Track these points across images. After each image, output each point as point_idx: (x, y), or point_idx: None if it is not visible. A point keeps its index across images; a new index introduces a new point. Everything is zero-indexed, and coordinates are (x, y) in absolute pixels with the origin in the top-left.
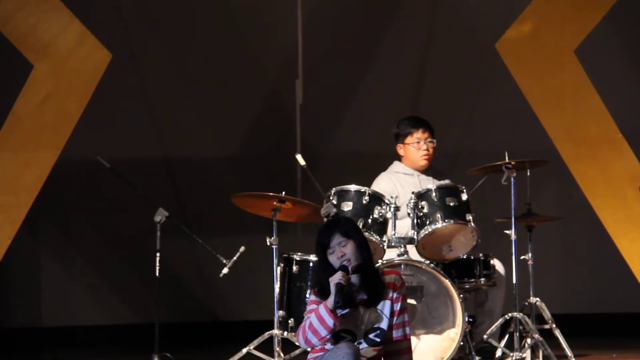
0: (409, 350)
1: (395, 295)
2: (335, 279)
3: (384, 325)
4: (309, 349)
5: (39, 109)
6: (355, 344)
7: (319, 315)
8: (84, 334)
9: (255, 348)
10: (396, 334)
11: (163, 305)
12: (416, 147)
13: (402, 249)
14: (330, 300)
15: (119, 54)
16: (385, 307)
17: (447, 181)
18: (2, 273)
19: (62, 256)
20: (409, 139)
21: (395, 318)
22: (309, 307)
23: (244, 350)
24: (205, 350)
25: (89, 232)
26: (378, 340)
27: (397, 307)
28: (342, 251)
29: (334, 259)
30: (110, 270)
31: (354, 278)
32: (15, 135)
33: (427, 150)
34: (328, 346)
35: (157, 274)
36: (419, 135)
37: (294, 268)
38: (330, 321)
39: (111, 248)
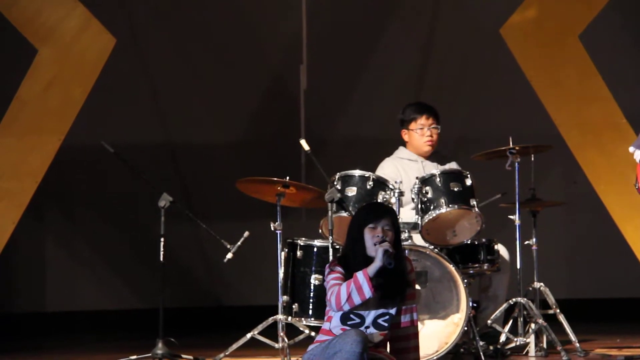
0: (415, 336)
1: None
2: (385, 246)
3: (392, 310)
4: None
5: (43, 94)
6: (363, 328)
7: (357, 283)
8: (88, 319)
9: (260, 333)
10: (404, 319)
11: (167, 290)
12: (420, 133)
13: (406, 234)
14: (372, 268)
15: (123, 39)
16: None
17: (452, 164)
18: (6, 258)
19: (66, 241)
20: (413, 125)
21: (404, 303)
22: (333, 275)
23: (248, 335)
24: (210, 335)
25: (93, 217)
26: (386, 325)
27: (406, 292)
28: (386, 234)
29: (370, 235)
30: (114, 255)
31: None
32: (20, 120)
33: (431, 136)
34: (336, 331)
35: (161, 259)
36: (422, 121)
37: (298, 253)
38: (367, 290)
39: (115, 233)
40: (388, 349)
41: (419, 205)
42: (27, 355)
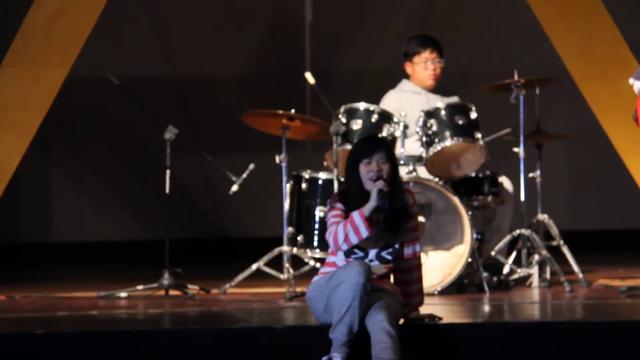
0: (418, 268)
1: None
2: (379, 184)
3: (395, 244)
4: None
5: (49, 25)
6: (367, 260)
7: (353, 224)
8: (94, 249)
9: (265, 264)
10: (407, 251)
11: (173, 221)
12: (423, 67)
13: (411, 167)
14: (367, 208)
15: None
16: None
17: (454, 98)
18: (13, 189)
19: (72, 172)
20: (416, 59)
21: (406, 235)
22: (332, 212)
23: (254, 267)
24: (215, 267)
25: (99, 148)
26: (390, 258)
27: (409, 225)
28: (380, 167)
29: (365, 170)
30: (120, 186)
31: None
32: (25, 53)
33: (434, 70)
34: (340, 263)
35: (167, 191)
36: (426, 55)
37: (303, 186)
38: (364, 230)
39: (121, 165)
40: (392, 281)
41: (424, 138)
42: (34, 285)
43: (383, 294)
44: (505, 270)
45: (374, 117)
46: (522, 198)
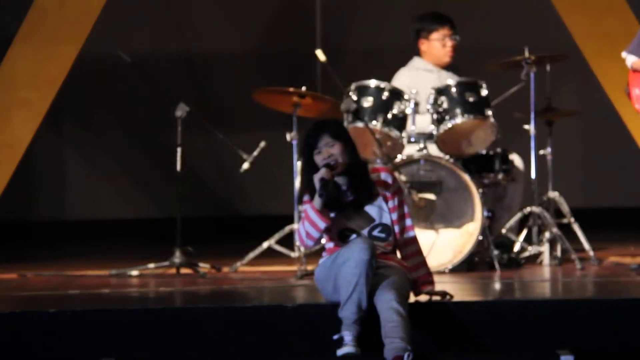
0: (414, 240)
1: (388, 193)
2: (319, 175)
3: (385, 220)
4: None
5: (61, 2)
6: None
7: (309, 218)
8: (106, 227)
9: (276, 242)
10: (396, 228)
11: (185, 200)
12: (441, 43)
13: (422, 144)
14: (316, 200)
15: None
16: (382, 204)
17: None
18: (25, 167)
19: (84, 150)
20: (434, 35)
21: (394, 214)
22: (302, 207)
23: (265, 245)
24: (227, 245)
25: (111, 126)
26: (383, 235)
27: (393, 203)
28: (329, 152)
29: (319, 160)
30: (132, 164)
31: (341, 179)
32: (37, 30)
33: (452, 47)
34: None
35: (178, 169)
36: (445, 31)
37: None
38: (320, 222)
39: (133, 143)
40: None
41: (434, 116)
42: (45, 263)
43: (390, 271)
44: (516, 248)
45: (385, 95)
46: (533, 176)
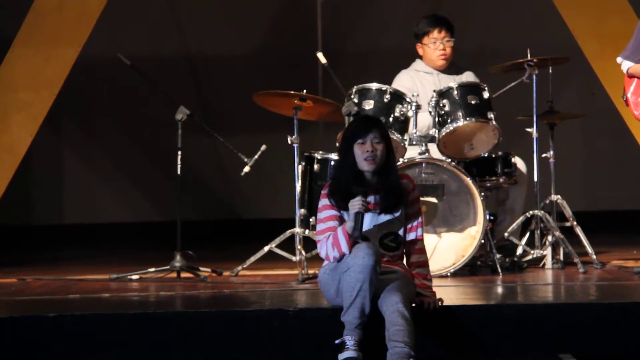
0: (421, 251)
1: (407, 200)
2: (356, 207)
3: (398, 229)
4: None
5: (60, 4)
6: None
7: (336, 241)
8: (106, 231)
9: (277, 246)
10: (409, 236)
11: (185, 203)
12: (433, 47)
13: (424, 147)
14: (349, 226)
15: None
16: (398, 212)
17: (468, 74)
18: (24, 170)
19: (84, 153)
20: (426, 39)
21: (408, 222)
22: (322, 214)
23: (266, 248)
24: (227, 248)
25: (111, 129)
26: (394, 245)
27: (410, 211)
28: (374, 147)
29: (359, 151)
30: (132, 168)
31: (375, 180)
32: (37, 32)
33: (444, 50)
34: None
35: (179, 172)
36: (435, 35)
37: (315, 166)
38: (345, 248)
39: (132, 146)
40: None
41: (436, 118)
42: (45, 267)
43: (395, 276)
44: (519, 251)
45: (386, 97)
46: (535, 178)
